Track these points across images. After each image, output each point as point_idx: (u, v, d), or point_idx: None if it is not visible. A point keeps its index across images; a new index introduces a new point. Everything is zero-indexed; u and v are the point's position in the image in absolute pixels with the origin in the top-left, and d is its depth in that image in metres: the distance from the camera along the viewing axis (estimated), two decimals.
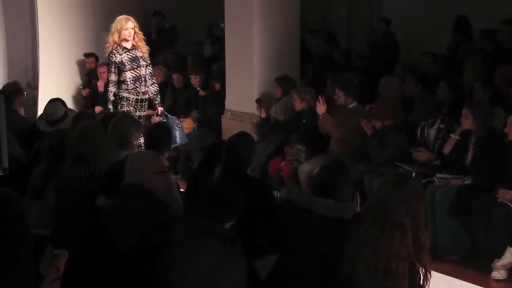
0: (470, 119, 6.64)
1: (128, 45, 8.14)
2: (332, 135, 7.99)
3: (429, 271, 3.98)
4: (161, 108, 8.63)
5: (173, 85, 10.23)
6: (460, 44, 9.00)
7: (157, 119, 9.61)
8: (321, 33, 10.32)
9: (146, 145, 5.93)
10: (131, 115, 7.40)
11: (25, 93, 8.91)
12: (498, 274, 6.14)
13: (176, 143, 8.29)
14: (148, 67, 8.27)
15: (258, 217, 4.84)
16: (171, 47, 11.26)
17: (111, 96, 8.21)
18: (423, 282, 3.95)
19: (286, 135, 8.60)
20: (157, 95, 8.42)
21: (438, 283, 4.52)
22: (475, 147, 6.65)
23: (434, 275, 4.06)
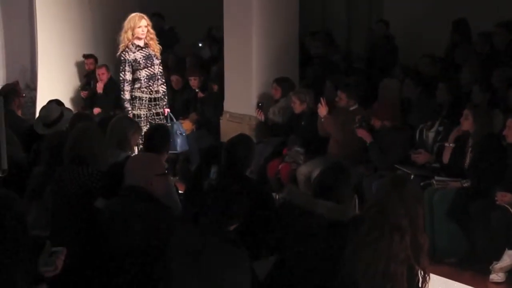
0: (470, 120, 6.64)
1: (141, 43, 7.92)
2: (332, 137, 7.97)
3: (427, 274, 3.97)
4: (167, 109, 8.34)
5: (172, 87, 10.22)
6: (458, 46, 9.00)
7: None
8: (320, 35, 10.31)
9: (145, 147, 5.91)
10: (130, 117, 7.38)
11: (23, 95, 8.84)
12: (496, 276, 6.14)
13: (176, 150, 8.16)
14: (159, 66, 8.08)
15: (257, 219, 4.84)
16: (170, 48, 11.24)
17: (127, 95, 7.92)
18: (421, 284, 3.95)
19: (284, 137, 8.60)
20: (165, 96, 8.22)
21: (436, 285, 4.53)
22: (474, 150, 6.65)
23: (432, 277, 4.05)
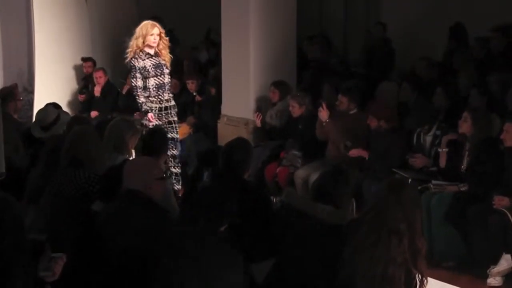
0: (468, 122, 6.63)
1: (151, 51, 7.74)
2: (330, 141, 7.90)
3: (425, 277, 3.98)
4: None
5: None
6: (456, 51, 9.01)
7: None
8: (317, 39, 10.32)
9: (143, 151, 5.90)
10: (128, 120, 7.37)
11: (21, 98, 8.81)
12: (493, 280, 6.13)
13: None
14: (169, 76, 7.89)
15: (255, 222, 4.85)
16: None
17: (142, 98, 7.71)
18: None
19: (281, 141, 8.60)
20: (175, 106, 7.95)
21: None
22: (471, 154, 6.66)
23: (430, 281, 4.07)
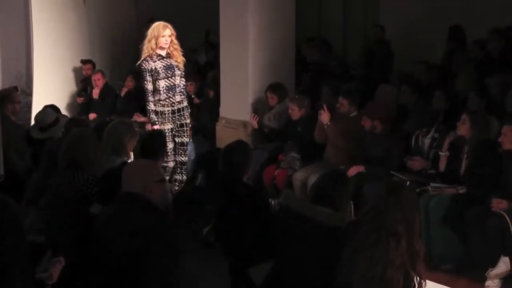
0: (467, 124, 6.63)
1: (163, 52, 7.65)
2: (330, 143, 7.87)
3: (423, 280, 3.98)
4: None
5: None
6: (454, 53, 9.02)
7: (151, 127, 9.60)
8: (317, 42, 10.32)
9: (141, 153, 5.89)
10: (126, 122, 7.35)
11: (18, 101, 8.78)
12: (492, 283, 6.13)
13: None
14: (182, 78, 7.79)
15: (254, 225, 4.85)
16: None
17: (152, 105, 7.63)
18: None
19: (280, 143, 8.59)
20: (188, 108, 7.89)
21: None
22: (469, 157, 6.66)
23: (428, 284, 4.07)
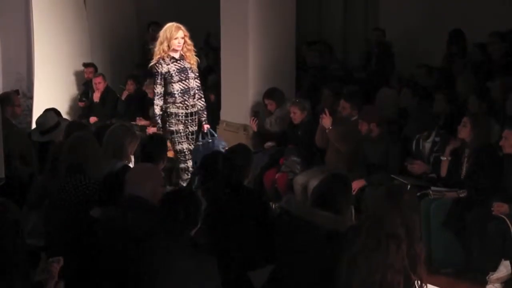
0: (468, 127, 6.62)
1: (176, 55, 7.59)
2: (331, 147, 7.83)
3: (424, 283, 3.97)
4: (207, 125, 7.95)
5: None
6: (455, 57, 9.01)
7: (151, 130, 9.59)
8: (318, 45, 10.30)
9: (141, 157, 5.89)
10: (127, 126, 7.34)
11: (18, 104, 8.77)
12: (492, 287, 6.13)
13: None
14: (196, 80, 7.74)
15: (254, 228, 4.85)
16: None
17: (158, 110, 7.64)
18: None
19: (281, 147, 8.59)
20: (203, 111, 7.87)
21: None
22: (470, 160, 6.65)
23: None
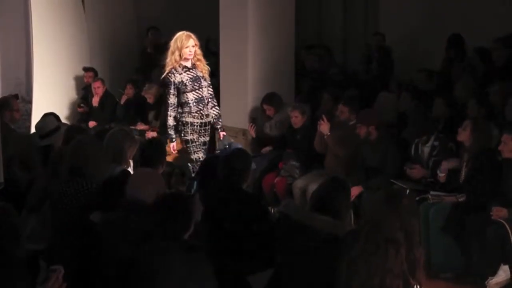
0: (468, 131, 6.63)
1: (188, 64, 7.47)
2: (330, 152, 7.83)
3: None
4: (223, 133, 7.73)
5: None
6: (454, 61, 9.02)
7: (150, 135, 9.60)
8: (316, 49, 10.30)
9: (140, 161, 5.89)
10: (126, 130, 7.34)
11: (17, 109, 8.76)
12: None
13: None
14: (209, 88, 7.60)
15: (253, 233, 4.85)
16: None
17: (172, 120, 7.49)
18: None
19: (280, 151, 8.59)
20: (218, 119, 7.67)
21: None
22: (469, 165, 6.66)
23: None
